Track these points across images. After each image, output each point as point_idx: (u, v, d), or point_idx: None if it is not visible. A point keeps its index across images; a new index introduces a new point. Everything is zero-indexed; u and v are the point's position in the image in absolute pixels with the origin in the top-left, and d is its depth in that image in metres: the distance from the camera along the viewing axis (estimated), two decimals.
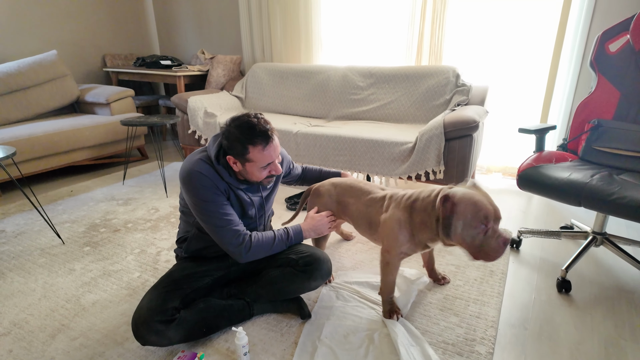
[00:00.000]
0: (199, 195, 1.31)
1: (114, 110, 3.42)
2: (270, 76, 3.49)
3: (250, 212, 1.46)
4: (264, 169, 1.34)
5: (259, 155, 1.29)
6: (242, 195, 1.41)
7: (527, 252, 1.97)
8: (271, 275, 1.45)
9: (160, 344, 1.27)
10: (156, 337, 1.25)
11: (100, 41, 4.08)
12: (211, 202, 1.31)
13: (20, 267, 1.85)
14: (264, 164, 1.32)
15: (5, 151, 1.94)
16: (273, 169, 1.36)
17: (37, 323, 1.48)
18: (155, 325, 1.24)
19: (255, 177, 1.35)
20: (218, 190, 1.33)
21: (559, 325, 1.47)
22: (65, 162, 3.04)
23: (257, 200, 1.48)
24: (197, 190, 1.30)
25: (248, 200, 1.43)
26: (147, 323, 1.24)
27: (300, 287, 1.43)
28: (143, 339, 1.25)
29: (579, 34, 2.51)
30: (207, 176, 1.30)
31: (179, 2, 4.24)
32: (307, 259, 1.43)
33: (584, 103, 1.95)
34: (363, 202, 1.55)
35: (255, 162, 1.31)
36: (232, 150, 1.31)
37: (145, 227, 2.25)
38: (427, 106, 2.82)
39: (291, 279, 1.42)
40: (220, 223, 1.32)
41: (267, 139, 1.29)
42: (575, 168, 1.73)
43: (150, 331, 1.24)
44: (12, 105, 3.12)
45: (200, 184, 1.30)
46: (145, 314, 1.25)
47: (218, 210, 1.32)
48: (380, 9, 3.19)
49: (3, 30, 3.35)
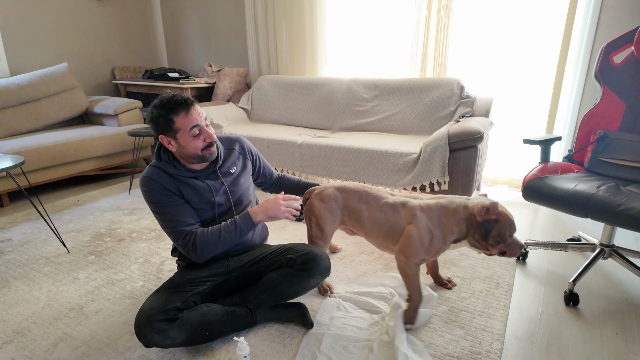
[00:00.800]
0: (148, 199, 1.38)
1: (121, 121, 3.46)
2: (275, 88, 3.53)
3: (214, 199, 1.45)
4: (196, 137, 1.36)
5: (183, 121, 1.33)
6: (196, 183, 1.43)
7: (533, 265, 1.94)
8: (271, 278, 1.44)
9: (164, 344, 1.26)
10: (159, 337, 1.24)
11: (110, 54, 4.17)
12: (159, 203, 1.37)
13: (25, 276, 1.86)
14: (190, 126, 1.33)
15: (14, 160, 1.97)
16: (206, 135, 1.37)
17: (40, 331, 1.48)
18: (158, 324, 1.24)
19: (192, 147, 1.36)
20: (166, 190, 1.38)
21: (567, 340, 1.43)
22: (73, 172, 3.08)
23: (217, 186, 1.46)
24: (146, 195, 1.38)
25: (204, 186, 1.43)
26: (150, 322, 1.24)
27: (301, 287, 1.43)
28: (146, 338, 1.24)
29: (583, 46, 2.51)
30: (152, 178, 1.37)
31: (187, 17, 4.33)
32: (304, 257, 1.43)
33: (590, 114, 1.94)
34: (377, 208, 1.52)
35: (183, 129, 1.33)
36: (160, 128, 1.35)
37: (150, 237, 2.25)
38: (431, 118, 2.82)
39: (290, 279, 1.42)
40: (169, 224, 1.37)
41: (188, 106, 1.34)
42: (581, 179, 1.71)
43: (153, 330, 1.23)
44: (23, 116, 3.18)
45: (148, 187, 1.37)
46: (147, 313, 1.26)
47: (166, 212, 1.37)
48: (384, 22, 3.23)
49: (17, 43, 3.43)
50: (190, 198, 1.41)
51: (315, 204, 1.63)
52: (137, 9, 4.32)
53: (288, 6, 3.52)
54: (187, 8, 4.29)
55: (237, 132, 3.04)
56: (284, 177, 1.82)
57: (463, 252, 2.05)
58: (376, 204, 1.53)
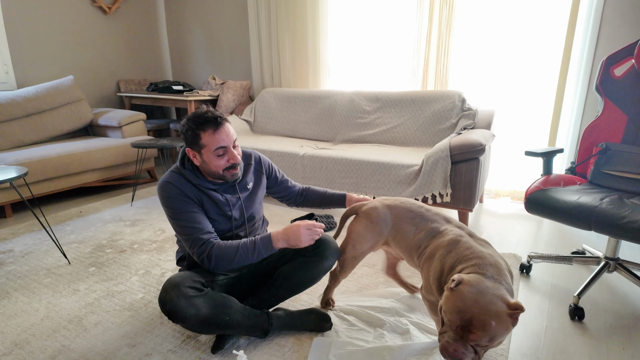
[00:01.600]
0: (167, 204, 1.37)
1: (125, 133, 3.49)
2: (278, 101, 3.56)
3: (230, 213, 1.45)
4: (220, 157, 1.35)
5: (209, 139, 1.33)
6: (215, 195, 1.42)
7: (537, 278, 1.92)
8: (285, 270, 1.48)
9: (187, 312, 1.22)
10: (185, 302, 1.22)
11: (115, 67, 4.23)
12: (177, 209, 1.35)
13: (25, 287, 1.85)
14: (216, 146, 1.33)
15: (18, 172, 1.98)
16: (230, 157, 1.37)
17: (38, 344, 1.46)
18: (185, 289, 1.25)
19: (214, 166, 1.36)
20: (186, 197, 1.37)
21: (573, 355, 1.41)
22: (76, 183, 3.09)
23: (234, 200, 1.47)
24: (165, 200, 1.37)
25: (223, 200, 1.43)
26: (178, 287, 1.24)
27: (316, 272, 1.47)
28: (172, 302, 1.21)
29: (584, 59, 2.53)
30: (172, 184, 1.37)
31: (192, 31, 4.39)
32: (314, 244, 1.48)
33: (592, 126, 1.94)
34: (424, 232, 1.35)
35: (208, 147, 1.33)
36: (187, 141, 1.37)
37: (151, 248, 2.25)
38: (433, 130, 2.83)
39: (305, 266, 1.46)
40: (186, 231, 1.35)
41: (217, 124, 1.33)
42: (584, 191, 1.70)
43: (180, 295, 1.23)
44: (28, 128, 3.21)
45: (168, 193, 1.36)
46: (175, 279, 1.27)
47: (184, 218, 1.35)
48: (386, 36, 3.27)
49: (24, 56, 3.49)
50: (209, 209, 1.42)
51: (362, 223, 1.47)
52: (142, 23, 4.40)
53: (291, 20, 3.57)
54: (192, 22, 4.36)
55: (240, 144, 3.05)
56: (309, 189, 1.76)
57: None
58: (424, 226, 1.36)
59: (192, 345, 1.44)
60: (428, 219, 1.37)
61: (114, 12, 4.11)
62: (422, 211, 1.40)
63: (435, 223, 1.35)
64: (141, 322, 1.58)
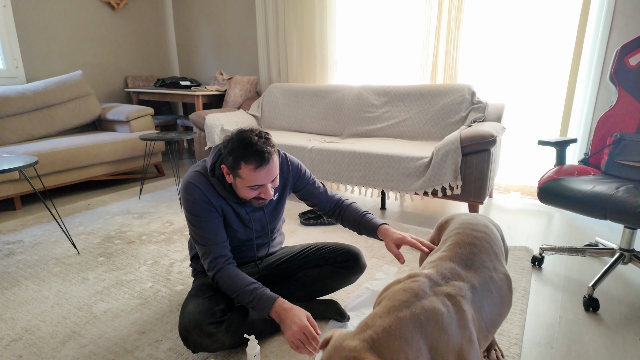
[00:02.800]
0: (189, 209, 1.28)
1: (133, 127, 3.50)
2: (285, 96, 3.55)
3: (251, 225, 1.41)
4: (252, 189, 1.25)
5: (249, 173, 1.21)
6: (239, 209, 1.35)
7: (549, 270, 1.89)
8: (309, 276, 1.48)
9: (213, 347, 1.24)
10: (209, 341, 1.22)
11: (123, 63, 4.24)
12: (199, 217, 1.28)
13: (35, 276, 1.86)
14: (252, 184, 1.23)
15: (28, 160, 1.99)
16: (263, 192, 1.26)
17: (49, 330, 1.46)
18: (208, 327, 1.22)
19: (242, 194, 1.27)
20: (210, 205, 1.28)
21: (588, 345, 1.38)
22: (85, 176, 3.10)
23: (257, 215, 1.42)
24: (188, 203, 1.28)
25: (245, 215, 1.37)
26: (200, 327, 1.21)
27: (340, 283, 1.48)
28: (196, 344, 1.22)
29: (596, 48, 2.49)
30: (199, 188, 1.28)
31: (199, 27, 4.40)
32: (345, 255, 1.47)
33: (605, 117, 1.91)
34: None
35: (244, 180, 1.23)
36: (226, 160, 1.25)
37: (159, 240, 2.25)
38: (442, 123, 2.81)
39: (332, 276, 1.46)
40: (202, 241, 1.29)
41: (261, 161, 1.20)
42: (598, 181, 1.67)
43: (204, 335, 1.21)
44: (37, 122, 3.23)
45: (193, 197, 1.27)
46: (196, 318, 1.22)
47: (203, 227, 1.28)
48: (395, 30, 3.25)
49: (33, 51, 3.51)
50: (231, 219, 1.36)
51: None
52: (150, 19, 4.41)
53: (299, 15, 3.56)
54: (199, 18, 4.37)
55: None
56: (343, 205, 1.50)
57: None
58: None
59: None
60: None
61: (122, 8, 4.13)
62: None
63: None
64: (150, 310, 1.58)
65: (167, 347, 1.37)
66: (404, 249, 2.12)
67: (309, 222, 2.46)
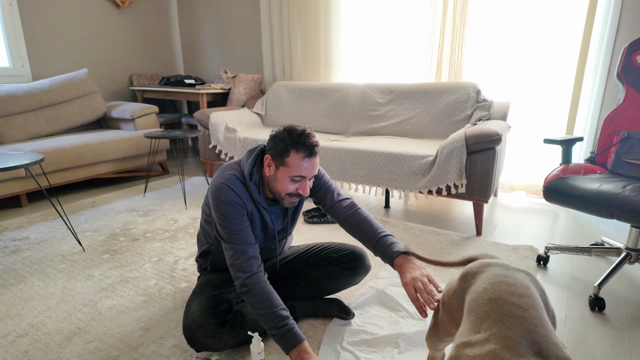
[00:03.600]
0: (221, 209, 1.26)
1: (138, 125, 3.52)
2: (289, 94, 3.55)
3: (274, 232, 1.41)
4: (293, 182, 1.26)
5: (297, 162, 1.23)
6: (266, 214, 1.35)
7: (555, 270, 1.88)
8: (314, 276, 1.49)
9: (216, 347, 1.25)
10: (213, 340, 1.23)
11: (128, 62, 4.26)
12: (230, 219, 1.25)
13: (41, 272, 1.87)
14: (297, 174, 1.24)
15: (34, 158, 2.00)
16: (302, 187, 1.27)
17: (54, 326, 1.47)
18: (212, 328, 1.22)
19: (281, 187, 1.27)
20: (243, 209, 1.27)
21: (594, 345, 1.37)
22: (90, 174, 3.12)
23: (279, 223, 1.42)
24: (220, 204, 1.25)
25: (269, 222, 1.38)
26: (204, 326, 1.22)
27: (345, 283, 1.49)
28: (200, 343, 1.23)
29: (603, 47, 2.47)
30: (236, 192, 1.26)
31: (203, 25, 4.41)
32: (350, 256, 1.48)
33: (612, 115, 1.90)
34: None
35: (290, 168, 1.24)
36: (273, 149, 1.26)
37: (164, 237, 2.26)
38: (447, 122, 2.80)
39: (336, 277, 1.47)
40: (234, 241, 1.25)
41: (311, 152, 1.24)
42: (605, 180, 1.66)
43: (207, 335, 1.22)
44: (43, 120, 3.25)
45: (226, 197, 1.25)
46: (199, 318, 1.23)
47: (234, 228, 1.25)
48: (399, 29, 3.24)
49: (39, 50, 3.53)
50: (255, 224, 1.35)
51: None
52: (155, 18, 4.43)
53: (303, 14, 3.56)
54: (204, 16, 4.38)
55: (251, 137, 3.05)
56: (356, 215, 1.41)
57: None
58: None
59: None
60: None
61: (127, 7, 4.14)
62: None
63: None
64: (155, 307, 1.59)
65: (171, 344, 1.37)
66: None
67: (313, 220, 2.46)
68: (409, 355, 1.29)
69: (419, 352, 1.29)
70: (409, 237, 2.25)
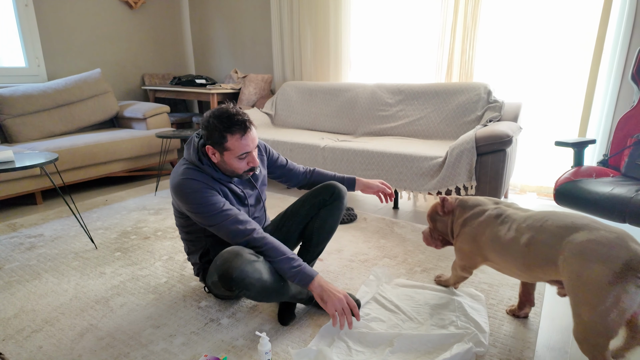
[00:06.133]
0: (194, 200, 1.31)
1: (150, 125, 3.56)
2: (299, 94, 3.56)
3: (247, 202, 1.50)
4: (241, 159, 1.36)
5: (236, 143, 1.32)
6: (233, 187, 1.45)
7: None
8: (316, 227, 1.57)
9: (253, 277, 1.24)
10: (250, 267, 1.24)
11: (140, 61, 4.31)
12: (207, 202, 1.32)
13: (54, 269, 1.91)
14: (241, 152, 1.34)
15: (48, 157, 2.05)
16: (250, 160, 1.38)
17: (68, 322, 1.51)
18: (248, 255, 1.27)
19: (234, 167, 1.38)
20: (212, 189, 1.35)
21: None
22: (103, 173, 3.17)
23: (250, 192, 1.53)
24: (190, 196, 1.31)
25: (240, 192, 1.46)
26: (241, 254, 1.26)
27: (339, 213, 1.59)
28: (239, 269, 1.22)
29: (618, 47, 2.43)
30: (196, 179, 1.34)
31: (214, 25, 4.44)
32: (328, 190, 1.57)
33: (626, 117, 1.87)
34: None
35: (233, 151, 1.33)
36: (210, 139, 1.34)
37: (174, 236, 2.29)
38: (457, 122, 2.78)
39: (331, 212, 1.57)
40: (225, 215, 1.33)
41: (245, 128, 1.32)
42: (617, 183, 1.64)
43: (245, 261, 1.24)
44: (58, 119, 3.31)
45: (192, 188, 1.32)
46: (235, 249, 1.28)
47: (220, 206, 1.33)
48: (409, 29, 3.23)
49: (54, 50, 3.60)
50: (228, 199, 1.43)
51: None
52: (167, 18, 4.47)
53: (313, 14, 3.56)
54: (215, 17, 4.41)
55: (260, 137, 3.07)
56: (314, 171, 1.76)
57: None
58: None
59: (214, 329, 1.46)
60: None
61: (140, 7, 4.19)
62: None
63: None
64: (165, 305, 1.61)
65: (181, 341, 1.39)
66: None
67: None
68: (401, 356, 1.29)
69: (411, 356, 1.29)
70: (417, 238, 2.24)
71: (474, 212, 1.41)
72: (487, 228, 1.33)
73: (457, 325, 1.42)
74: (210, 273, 1.31)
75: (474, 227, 1.37)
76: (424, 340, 1.34)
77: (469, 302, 1.57)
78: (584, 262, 1.04)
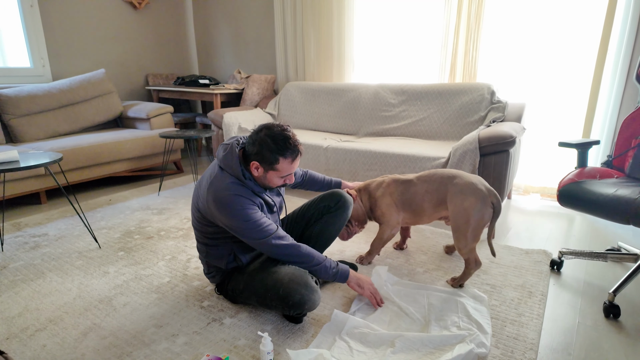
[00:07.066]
0: (241, 216, 1.37)
1: (153, 125, 3.58)
2: (302, 94, 3.57)
3: (276, 210, 1.59)
4: (282, 178, 1.44)
5: (286, 166, 1.40)
6: (268, 199, 1.52)
7: (569, 275, 1.85)
8: (317, 231, 1.66)
9: (317, 302, 1.40)
10: (316, 296, 1.39)
11: (144, 62, 4.33)
12: (255, 218, 1.38)
13: (58, 268, 1.93)
14: (287, 174, 1.43)
15: (53, 157, 2.06)
16: (289, 179, 1.47)
17: (71, 321, 1.52)
18: (311, 282, 1.39)
19: (272, 183, 1.45)
20: (255, 205, 1.41)
21: (608, 352, 1.35)
22: (106, 172, 3.19)
23: (278, 200, 1.61)
24: (241, 213, 1.36)
25: (271, 202, 1.53)
26: (308, 283, 1.38)
27: (342, 222, 1.68)
28: (310, 300, 1.37)
29: (623, 47, 2.41)
30: (242, 196, 1.39)
31: (218, 26, 4.45)
32: (334, 198, 1.66)
33: (631, 118, 1.86)
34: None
35: (280, 172, 1.41)
36: (260, 157, 1.39)
37: (177, 235, 2.30)
38: (460, 123, 2.77)
39: (333, 220, 1.66)
40: (267, 230, 1.40)
41: (296, 154, 1.40)
42: (622, 184, 1.63)
43: (313, 290, 1.38)
44: (62, 119, 3.33)
45: (240, 205, 1.37)
46: (301, 274, 1.39)
47: (264, 222, 1.40)
48: (413, 29, 3.22)
49: (59, 50, 3.62)
50: (263, 210, 1.50)
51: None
52: (170, 18, 4.49)
53: (317, 15, 3.57)
54: (219, 17, 4.42)
55: None
56: (307, 173, 1.87)
57: (493, 260, 1.98)
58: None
59: (216, 328, 1.46)
60: None
61: (144, 8, 4.21)
62: None
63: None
64: (168, 305, 1.62)
65: (183, 341, 1.40)
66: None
67: None
68: (402, 357, 1.28)
69: (413, 357, 1.29)
70: (420, 239, 2.24)
71: (377, 182, 1.86)
72: (395, 187, 1.80)
73: (459, 326, 1.42)
74: (274, 296, 1.39)
75: (384, 188, 1.82)
76: (426, 340, 1.33)
77: (471, 303, 1.57)
78: (463, 196, 1.61)
